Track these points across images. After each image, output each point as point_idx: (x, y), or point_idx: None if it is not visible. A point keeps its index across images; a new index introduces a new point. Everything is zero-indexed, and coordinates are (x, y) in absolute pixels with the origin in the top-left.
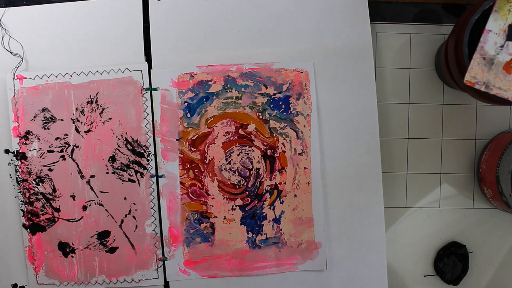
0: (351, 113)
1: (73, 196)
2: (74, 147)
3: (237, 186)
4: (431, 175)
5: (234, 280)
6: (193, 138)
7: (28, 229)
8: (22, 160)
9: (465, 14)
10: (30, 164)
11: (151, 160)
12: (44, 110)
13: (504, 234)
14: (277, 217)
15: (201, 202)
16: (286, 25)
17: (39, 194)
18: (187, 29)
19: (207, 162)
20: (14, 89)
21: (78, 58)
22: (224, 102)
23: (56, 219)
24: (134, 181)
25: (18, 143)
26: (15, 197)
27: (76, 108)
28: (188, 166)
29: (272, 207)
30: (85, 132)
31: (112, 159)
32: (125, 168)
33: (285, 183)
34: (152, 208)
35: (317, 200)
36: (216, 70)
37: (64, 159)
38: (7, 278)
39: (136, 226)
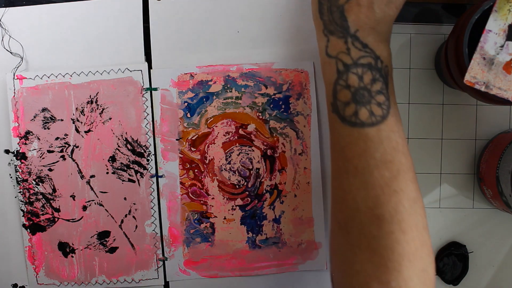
0: None
1: (73, 196)
2: (74, 147)
3: (237, 186)
4: (431, 175)
5: (234, 280)
6: (193, 138)
7: (28, 229)
8: (22, 160)
9: (465, 14)
10: (30, 164)
11: (151, 160)
12: (44, 110)
13: (504, 234)
14: (277, 217)
15: (201, 202)
16: (286, 25)
17: (39, 194)
18: (187, 29)
19: (207, 162)
20: (14, 89)
21: (78, 58)
22: (224, 102)
23: (56, 219)
24: (134, 181)
25: (18, 143)
26: (15, 197)
27: (76, 108)
28: (188, 166)
29: (272, 207)
30: (85, 132)
31: (112, 159)
32: (125, 168)
33: (285, 183)
34: (152, 208)
35: (317, 200)
36: (216, 70)
37: (64, 159)
38: (7, 278)
39: (136, 226)
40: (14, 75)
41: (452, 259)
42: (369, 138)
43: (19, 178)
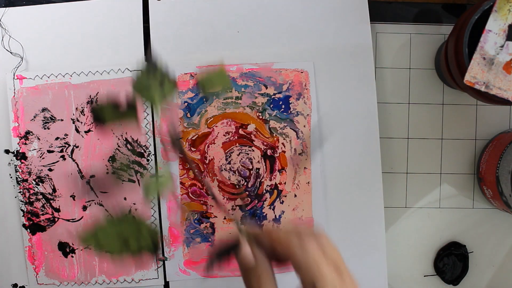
0: (351, 113)
1: (73, 196)
2: (74, 147)
3: (237, 186)
4: (431, 175)
5: (234, 280)
6: (193, 138)
7: (28, 229)
8: (22, 160)
9: (465, 14)
10: (30, 164)
11: (151, 160)
12: (44, 110)
13: (504, 234)
14: (277, 217)
15: (201, 202)
16: (286, 25)
17: (39, 194)
18: (187, 29)
19: (207, 162)
20: (14, 89)
21: (78, 58)
22: (224, 102)
23: (56, 219)
24: (134, 181)
25: (18, 143)
26: (15, 197)
27: (76, 108)
28: (188, 166)
29: (272, 207)
30: (85, 132)
31: (112, 159)
32: (125, 168)
33: (285, 183)
34: (152, 208)
35: (317, 200)
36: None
37: (64, 159)
38: (7, 278)
39: None
40: (14, 75)
41: (452, 259)
42: None
43: (19, 178)
